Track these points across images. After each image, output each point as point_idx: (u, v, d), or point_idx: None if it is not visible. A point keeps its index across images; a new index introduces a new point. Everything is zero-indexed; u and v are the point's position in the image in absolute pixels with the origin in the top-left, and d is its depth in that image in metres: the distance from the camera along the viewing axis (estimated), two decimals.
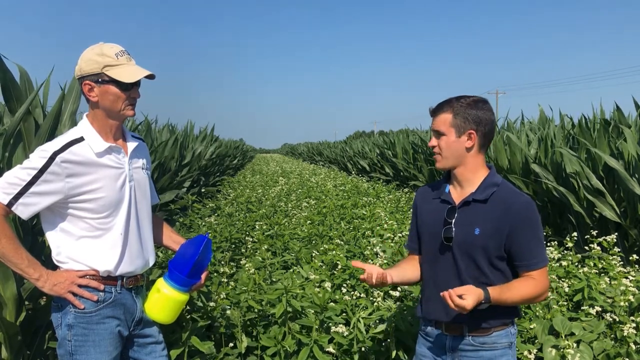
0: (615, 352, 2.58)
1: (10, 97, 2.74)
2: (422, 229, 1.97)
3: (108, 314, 1.88)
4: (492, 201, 1.81)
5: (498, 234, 1.77)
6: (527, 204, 1.78)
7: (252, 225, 5.63)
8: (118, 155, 1.91)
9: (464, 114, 1.82)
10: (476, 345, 1.82)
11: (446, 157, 1.85)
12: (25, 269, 1.79)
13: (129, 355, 2.01)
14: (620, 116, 6.43)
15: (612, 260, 3.63)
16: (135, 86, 1.87)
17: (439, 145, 1.85)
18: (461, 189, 1.89)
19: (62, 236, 1.85)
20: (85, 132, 1.86)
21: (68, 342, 1.84)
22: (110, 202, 1.85)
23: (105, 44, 1.86)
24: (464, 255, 1.81)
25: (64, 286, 1.81)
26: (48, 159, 1.75)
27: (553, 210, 6.46)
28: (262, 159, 41.36)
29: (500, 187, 1.83)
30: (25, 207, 1.76)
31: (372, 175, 16.09)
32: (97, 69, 1.81)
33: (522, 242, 1.76)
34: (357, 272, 3.33)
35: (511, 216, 1.76)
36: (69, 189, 1.79)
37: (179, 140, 8.87)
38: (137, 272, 1.97)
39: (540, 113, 8.88)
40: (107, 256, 1.87)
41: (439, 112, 1.85)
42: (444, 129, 1.83)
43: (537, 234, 1.79)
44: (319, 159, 32.30)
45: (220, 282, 3.08)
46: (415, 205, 2.04)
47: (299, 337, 2.54)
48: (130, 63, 1.86)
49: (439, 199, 1.92)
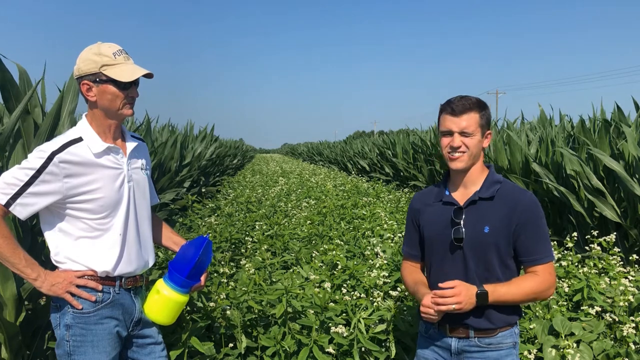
0: (615, 352, 2.58)
1: (9, 97, 2.73)
2: (426, 232, 1.94)
3: (106, 314, 1.87)
4: (498, 198, 1.82)
5: (507, 230, 1.78)
6: (533, 200, 1.81)
7: (252, 226, 5.62)
8: (116, 155, 1.91)
9: (487, 115, 1.84)
10: (482, 346, 1.82)
11: (471, 157, 1.83)
12: (23, 269, 1.79)
13: (128, 355, 2.01)
14: (621, 116, 6.43)
15: (612, 260, 3.62)
16: (133, 85, 1.86)
17: (466, 144, 1.81)
18: (464, 189, 1.88)
19: (60, 236, 1.85)
20: (84, 133, 1.86)
21: (66, 342, 1.84)
22: (108, 203, 1.85)
23: (103, 44, 1.85)
24: (475, 254, 1.81)
25: (62, 286, 1.81)
26: (46, 159, 1.75)
27: (553, 210, 6.46)
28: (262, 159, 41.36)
29: (503, 185, 1.86)
30: (23, 208, 1.76)
31: (372, 175, 16.09)
32: (95, 69, 1.81)
33: (529, 237, 1.78)
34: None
35: (519, 212, 1.78)
36: (67, 190, 1.79)
37: (179, 140, 8.86)
38: (136, 272, 1.96)
39: (540, 113, 8.88)
40: (106, 257, 1.87)
41: (468, 111, 1.81)
42: (472, 129, 1.80)
43: (544, 229, 1.81)
44: (319, 159, 32.29)
45: (220, 282, 3.07)
46: (414, 211, 2.02)
47: (299, 337, 2.54)
48: (128, 62, 1.85)
49: (440, 202, 1.91)
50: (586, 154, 5.95)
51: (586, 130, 6.20)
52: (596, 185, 5.52)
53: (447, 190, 1.93)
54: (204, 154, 11.34)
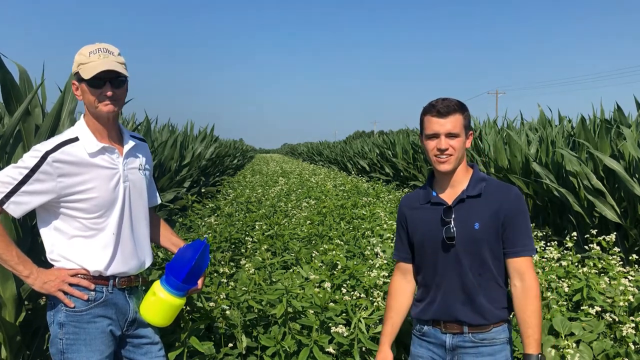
0: (614, 352, 2.58)
1: (10, 99, 2.73)
2: (416, 235, 1.96)
3: (99, 313, 1.88)
4: (485, 195, 1.87)
5: (496, 224, 1.83)
6: (519, 195, 1.89)
7: (251, 226, 5.62)
8: (112, 155, 1.91)
9: (468, 116, 1.89)
10: (476, 341, 1.86)
11: (457, 158, 1.86)
12: (16, 266, 1.80)
13: (124, 355, 2.01)
14: (621, 116, 6.43)
15: (611, 260, 3.62)
16: (107, 83, 1.83)
17: (453, 146, 1.84)
18: (451, 189, 1.91)
19: (55, 235, 1.87)
20: (81, 132, 1.87)
21: (59, 340, 1.85)
22: (102, 202, 1.86)
23: (92, 44, 1.87)
24: (468, 251, 1.84)
25: (55, 284, 1.82)
26: (40, 158, 1.77)
27: (553, 210, 6.46)
28: (262, 159, 41.36)
29: (488, 182, 1.91)
30: (17, 206, 1.78)
31: (372, 175, 16.09)
32: (75, 69, 1.85)
33: (515, 230, 1.84)
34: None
35: (506, 206, 1.84)
36: (61, 189, 1.80)
37: (179, 140, 8.86)
38: (130, 272, 1.96)
39: (540, 113, 8.89)
40: (99, 256, 1.87)
41: (453, 113, 1.84)
42: (457, 130, 1.84)
43: (528, 223, 1.88)
44: (318, 159, 32.29)
45: (220, 282, 3.07)
46: (403, 214, 2.03)
47: (299, 337, 2.54)
48: (100, 60, 1.83)
49: (429, 203, 1.94)
50: (586, 154, 5.95)
51: (586, 130, 6.21)
52: (596, 185, 5.52)
53: (433, 191, 1.95)
54: (203, 154, 11.34)
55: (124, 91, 1.92)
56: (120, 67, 1.85)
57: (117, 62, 1.85)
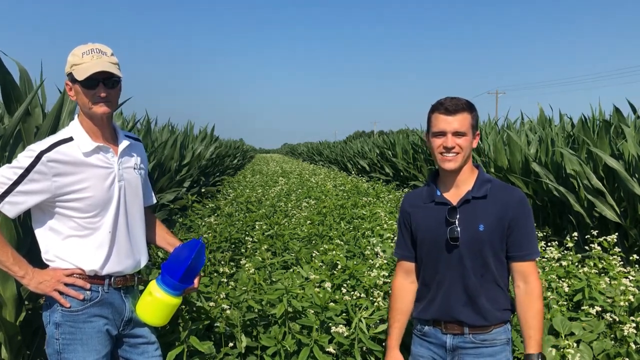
0: (615, 352, 2.58)
1: (10, 99, 2.73)
2: (419, 234, 1.95)
3: (95, 312, 1.88)
4: (490, 197, 1.86)
5: (501, 227, 1.82)
6: (523, 197, 1.87)
7: (252, 225, 5.62)
8: (106, 154, 1.91)
9: (476, 116, 1.88)
10: (477, 342, 1.86)
11: (463, 157, 1.85)
12: (11, 266, 1.80)
13: (120, 355, 2.01)
14: (620, 117, 6.43)
15: (612, 260, 3.62)
16: (101, 84, 1.83)
17: (460, 145, 1.83)
18: (456, 189, 1.90)
19: (50, 235, 1.87)
20: (75, 132, 1.88)
21: (56, 340, 1.85)
22: (97, 202, 1.86)
23: (85, 45, 1.87)
24: (471, 252, 1.84)
25: (50, 284, 1.82)
26: (34, 158, 1.77)
27: (553, 210, 6.46)
28: (262, 159, 41.35)
29: (493, 183, 1.90)
30: (12, 206, 1.78)
31: (372, 175, 16.09)
32: (68, 69, 1.85)
33: (521, 234, 1.83)
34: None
35: (511, 209, 1.82)
36: (55, 188, 1.80)
37: (179, 140, 8.86)
38: (125, 272, 1.96)
39: (540, 113, 8.88)
40: (94, 255, 1.87)
41: (461, 111, 1.83)
42: (465, 129, 1.83)
43: (533, 226, 1.87)
44: (318, 159, 32.29)
45: (220, 282, 3.07)
46: (406, 212, 2.02)
47: (299, 337, 2.54)
48: (94, 61, 1.82)
49: (433, 202, 1.92)
50: (586, 154, 5.95)
51: (586, 130, 6.21)
52: (596, 185, 5.52)
53: (437, 190, 1.94)
54: (203, 154, 11.34)
55: (118, 91, 1.92)
56: (114, 68, 1.85)
57: (111, 63, 1.85)
